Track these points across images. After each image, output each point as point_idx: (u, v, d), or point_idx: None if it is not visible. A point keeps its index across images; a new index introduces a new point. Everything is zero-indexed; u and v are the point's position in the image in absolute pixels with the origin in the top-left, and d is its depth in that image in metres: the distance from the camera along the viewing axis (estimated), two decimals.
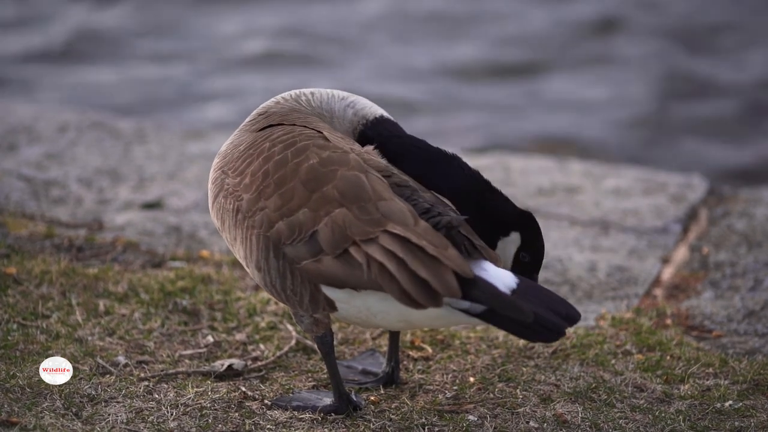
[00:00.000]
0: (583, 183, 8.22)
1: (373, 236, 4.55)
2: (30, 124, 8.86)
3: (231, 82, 12.97)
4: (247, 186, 4.78)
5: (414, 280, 4.48)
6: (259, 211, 4.72)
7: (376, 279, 4.52)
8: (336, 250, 4.59)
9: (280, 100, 5.09)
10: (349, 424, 4.86)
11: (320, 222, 4.61)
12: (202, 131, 9.25)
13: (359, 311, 4.68)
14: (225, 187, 4.86)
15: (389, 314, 4.65)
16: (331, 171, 4.68)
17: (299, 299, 4.71)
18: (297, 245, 4.65)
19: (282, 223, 4.67)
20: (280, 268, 4.70)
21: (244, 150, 4.90)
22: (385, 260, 4.50)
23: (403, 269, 4.49)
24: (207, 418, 4.85)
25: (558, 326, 4.47)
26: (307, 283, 4.68)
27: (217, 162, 5.01)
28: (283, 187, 4.70)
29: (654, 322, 5.92)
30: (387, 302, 4.59)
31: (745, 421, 4.99)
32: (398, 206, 4.62)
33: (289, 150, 4.77)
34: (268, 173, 4.75)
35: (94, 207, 7.46)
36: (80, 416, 4.81)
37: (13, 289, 5.84)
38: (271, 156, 4.78)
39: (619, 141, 11.78)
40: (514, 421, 4.94)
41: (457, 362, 5.44)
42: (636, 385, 5.26)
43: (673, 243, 7.24)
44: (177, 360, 5.37)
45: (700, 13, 14.14)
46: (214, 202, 4.91)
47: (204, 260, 6.55)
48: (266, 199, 4.71)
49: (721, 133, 11.85)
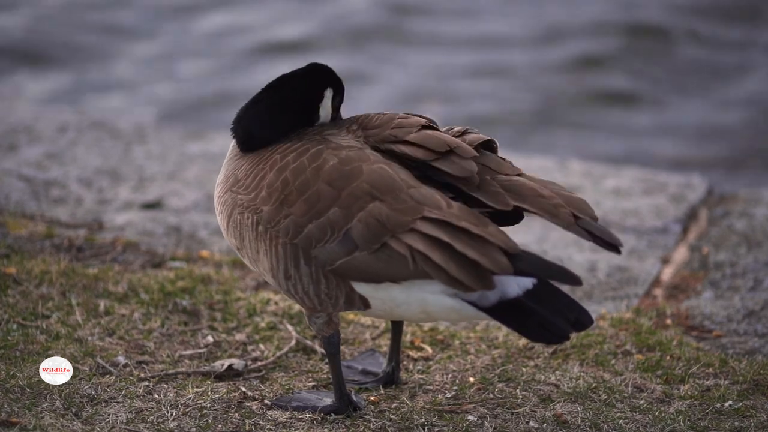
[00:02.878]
0: (583, 183, 8.22)
1: (412, 225, 4.55)
2: (30, 124, 8.86)
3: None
4: (265, 198, 4.75)
5: (462, 264, 4.48)
6: (283, 219, 4.69)
7: (423, 269, 4.52)
8: (373, 245, 4.57)
9: None
10: (349, 424, 4.86)
11: (353, 218, 4.60)
12: (202, 131, 9.25)
13: (383, 303, 4.68)
14: (239, 203, 4.83)
15: (411, 305, 4.65)
16: (355, 168, 4.66)
17: (334, 301, 4.70)
18: (329, 246, 4.63)
19: (312, 225, 4.64)
20: (312, 274, 4.67)
21: (251, 168, 4.88)
22: (429, 250, 4.50)
23: (450, 254, 4.49)
24: (207, 418, 4.85)
25: (563, 330, 4.49)
26: (342, 283, 4.67)
27: (220, 189, 4.97)
28: (307, 192, 4.67)
29: (654, 322, 5.92)
30: (409, 293, 4.60)
31: (745, 421, 4.99)
32: (428, 191, 4.62)
33: (303, 157, 4.75)
34: (288, 182, 4.72)
35: (94, 207, 7.46)
36: (80, 416, 4.81)
37: (13, 289, 5.84)
38: (286, 165, 4.75)
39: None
40: (514, 421, 4.94)
41: (457, 362, 5.44)
42: (636, 385, 5.26)
43: (673, 243, 7.24)
44: (177, 360, 5.37)
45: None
46: (230, 220, 4.86)
47: (204, 260, 6.55)
48: (290, 206, 4.69)
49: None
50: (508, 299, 4.55)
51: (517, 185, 4.66)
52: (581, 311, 4.55)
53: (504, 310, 4.54)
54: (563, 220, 4.57)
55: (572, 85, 12.76)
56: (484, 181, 4.66)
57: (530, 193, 4.62)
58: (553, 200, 4.60)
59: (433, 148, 4.70)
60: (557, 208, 4.57)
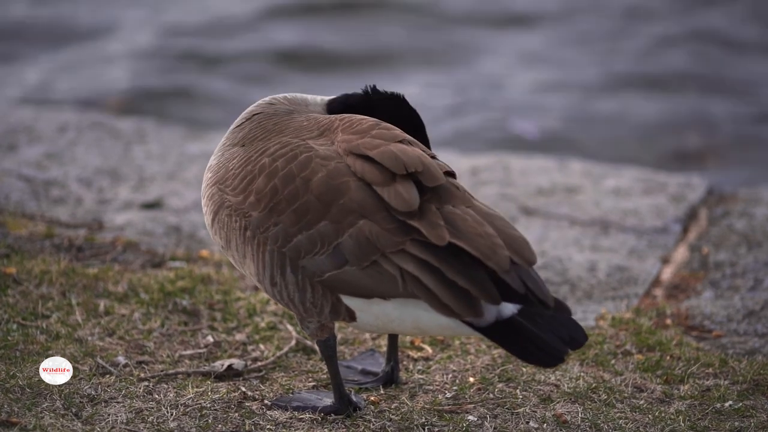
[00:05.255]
0: (582, 183, 8.23)
1: (402, 246, 4.54)
2: (30, 124, 8.86)
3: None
4: (253, 204, 4.74)
5: (452, 290, 4.47)
6: (272, 226, 4.69)
7: (413, 291, 4.51)
8: (363, 262, 4.57)
9: (261, 104, 5.14)
10: (349, 424, 4.86)
11: (344, 233, 4.59)
12: (202, 131, 9.26)
13: (376, 319, 4.68)
14: (226, 204, 4.83)
15: (405, 321, 4.64)
16: (343, 183, 4.65)
17: (319, 310, 4.70)
18: (319, 258, 4.63)
19: (302, 236, 4.63)
20: (299, 283, 4.67)
21: (240, 166, 4.88)
22: (420, 272, 4.49)
23: (441, 279, 4.48)
24: (207, 419, 4.85)
25: (559, 352, 4.48)
26: (329, 294, 4.67)
27: (209, 177, 4.97)
28: (296, 203, 4.66)
29: (654, 322, 5.92)
30: (403, 309, 4.60)
31: (745, 421, 4.99)
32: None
33: (292, 164, 4.73)
34: (277, 189, 4.71)
35: (94, 207, 7.46)
36: (80, 416, 4.81)
37: (13, 289, 5.84)
38: (275, 171, 4.74)
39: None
40: (514, 422, 4.94)
41: (457, 362, 5.44)
42: (636, 386, 5.26)
43: (672, 243, 7.24)
44: (177, 360, 5.37)
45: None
46: (215, 218, 4.87)
47: (204, 260, 6.55)
48: (279, 215, 4.68)
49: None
50: (504, 319, 4.52)
51: (460, 219, 4.55)
52: (576, 328, 4.52)
53: (500, 330, 4.51)
54: (498, 265, 4.45)
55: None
56: (428, 210, 4.57)
57: (470, 230, 4.51)
58: (491, 240, 4.49)
59: (391, 168, 4.63)
60: (494, 250, 4.47)
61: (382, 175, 4.62)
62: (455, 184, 4.68)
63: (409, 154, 4.65)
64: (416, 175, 4.61)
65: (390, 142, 4.71)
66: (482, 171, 8.42)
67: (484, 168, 8.48)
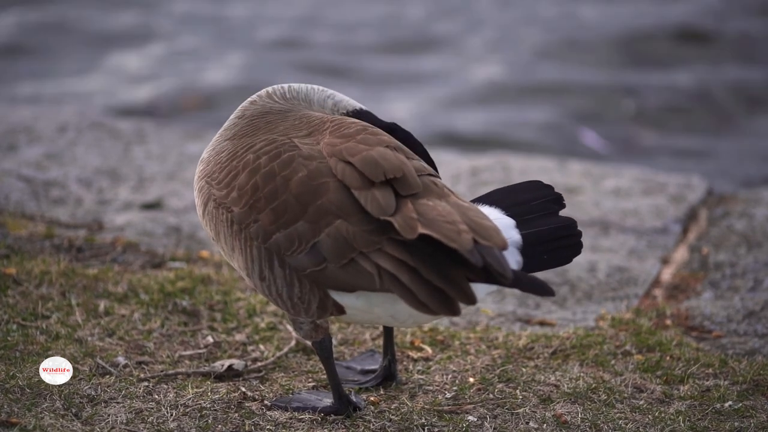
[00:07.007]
0: (582, 183, 8.23)
1: (379, 246, 4.55)
2: (30, 124, 8.86)
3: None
4: (235, 200, 4.76)
5: (429, 289, 4.47)
6: (253, 223, 4.71)
7: (389, 288, 4.52)
8: (341, 260, 4.58)
9: (256, 99, 5.13)
10: (348, 424, 4.86)
11: (321, 233, 4.61)
12: (201, 131, 9.26)
13: (365, 313, 4.69)
14: (213, 197, 4.84)
15: (398, 314, 4.66)
16: (322, 184, 4.66)
17: (306, 306, 4.71)
18: (298, 256, 4.64)
19: (280, 234, 4.65)
20: (286, 277, 4.69)
21: (227, 160, 4.88)
22: (397, 271, 4.50)
23: (418, 278, 4.49)
24: (207, 419, 4.85)
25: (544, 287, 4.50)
26: (316, 289, 4.68)
27: (201, 169, 4.99)
28: (275, 202, 4.68)
29: (654, 322, 5.92)
30: (394, 303, 4.61)
31: (745, 421, 4.99)
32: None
33: (275, 162, 4.74)
34: (258, 187, 4.72)
35: (93, 207, 7.46)
36: (80, 417, 4.81)
37: (12, 289, 5.84)
38: (258, 168, 4.75)
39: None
40: (514, 422, 4.94)
41: (456, 363, 5.44)
42: (636, 386, 5.26)
43: (672, 243, 7.24)
44: (177, 360, 5.37)
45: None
46: (205, 210, 4.89)
47: (204, 261, 6.55)
48: (258, 213, 4.70)
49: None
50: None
51: (431, 209, 4.55)
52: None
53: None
54: (461, 244, 4.43)
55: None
56: (404, 205, 4.57)
57: (438, 218, 4.50)
58: (457, 225, 4.48)
59: (369, 176, 4.63)
60: (460, 234, 4.46)
61: (362, 179, 4.63)
62: (435, 181, 4.70)
63: (390, 159, 4.66)
64: (392, 183, 4.62)
65: (374, 147, 4.72)
66: (482, 171, 8.43)
67: (484, 168, 8.49)
